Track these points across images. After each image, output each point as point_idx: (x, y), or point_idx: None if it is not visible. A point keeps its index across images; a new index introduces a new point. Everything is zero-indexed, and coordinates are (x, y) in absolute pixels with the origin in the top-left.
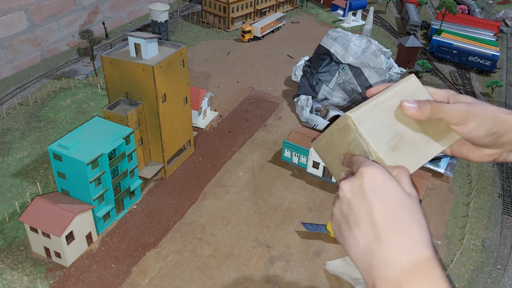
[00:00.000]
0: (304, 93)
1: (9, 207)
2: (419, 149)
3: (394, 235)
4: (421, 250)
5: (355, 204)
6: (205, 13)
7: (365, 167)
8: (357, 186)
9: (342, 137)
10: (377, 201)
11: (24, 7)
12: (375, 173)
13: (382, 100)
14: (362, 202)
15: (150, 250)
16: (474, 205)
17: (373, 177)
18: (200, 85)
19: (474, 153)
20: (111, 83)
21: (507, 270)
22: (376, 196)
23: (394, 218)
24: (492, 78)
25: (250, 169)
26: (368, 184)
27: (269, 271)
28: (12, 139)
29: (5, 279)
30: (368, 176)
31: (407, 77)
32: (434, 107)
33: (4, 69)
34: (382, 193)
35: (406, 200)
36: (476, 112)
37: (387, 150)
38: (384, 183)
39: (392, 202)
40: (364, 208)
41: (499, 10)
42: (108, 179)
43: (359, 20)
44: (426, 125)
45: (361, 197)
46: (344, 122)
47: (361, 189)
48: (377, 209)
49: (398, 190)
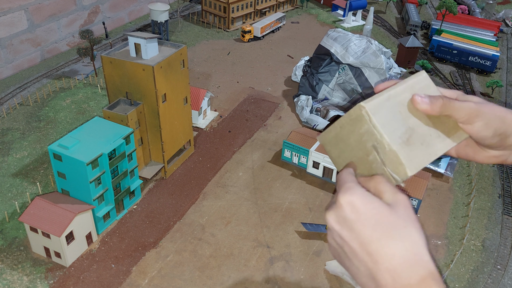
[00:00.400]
0: (304, 93)
1: (9, 207)
2: (430, 145)
3: (390, 260)
4: (417, 270)
5: (346, 236)
6: (205, 13)
7: (342, 196)
8: (341, 218)
9: (353, 129)
10: (365, 229)
11: (24, 7)
12: (354, 201)
13: (394, 93)
14: (352, 233)
15: (150, 250)
16: (474, 205)
17: (354, 206)
18: (200, 85)
19: (480, 154)
20: (111, 83)
21: (507, 270)
22: (363, 224)
23: (384, 233)
24: (492, 78)
25: (250, 169)
26: (350, 214)
27: (269, 271)
28: (12, 139)
29: (5, 279)
30: (348, 206)
31: (418, 73)
32: (445, 102)
33: (4, 69)
34: (367, 219)
35: (393, 217)
36: (485, 111)
37: (401, 143)
38: (365, 208)
39: (380, 226)
40: (355, 238)
41: (499, 10)
42: (108, 179)
43: (359, 20)
44: (435, 122)
45: (349, 228)
46: (358, 112)
47: (346, 220)
48: (367, 238)
49: (381, 210)
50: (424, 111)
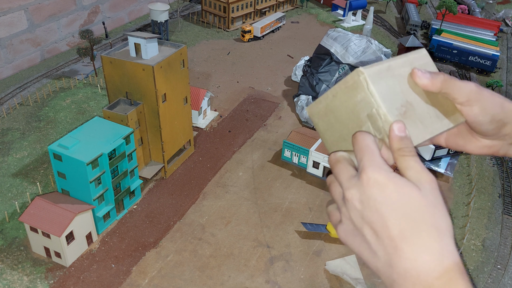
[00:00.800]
0: (304, 93)
1: (9, 207)
2: (426, 123)
3: (413, 247)
4: (441, 261)
5: (368, 217)
6: (205, 13)
7: (371, 172)
8: (366, 197)
9: (348, 97)
10: (391, 212)
11: (24, 7)
12: (384, 182)
13: (395, 65)
14: (375, 214)
15: (150, 250)
16: (474, 205)
17: (383, 187)
18: (200, 85)
19: (471, 144)
20: (111, 83)
21: (507, 270)
22: (389, 207)
23: (411, 229)
24: (492, 78)
25: (250, 169)
26: (378, 195)
27: (269, 271)
28: (12, 139)
29: (5, 279)
30: (377, 185)
31: (418, 50)
32: (446, 79)
33: (4, 69)
34: (395, 202)
35: (423, 204)
36: (485, 95)
37: (397, 115)
38: (396, 193)
39: (407, 210)
40: (378, 221)
41: (499, 10)
42: (108, 179)
43: (359, 20)
44: (433, 100)
45: (373, 209)
46: (355, 78)
47: (371, 200)
48: (392, 221)
49: (413, 196)
50: (423, 86)
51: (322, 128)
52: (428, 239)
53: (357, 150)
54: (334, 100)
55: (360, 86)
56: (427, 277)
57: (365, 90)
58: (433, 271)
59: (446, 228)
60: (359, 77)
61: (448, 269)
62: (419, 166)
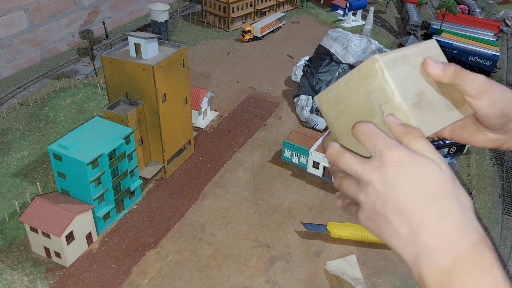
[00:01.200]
0: (304, 93)
1: (9, 207)
2: (439, 114)
3: (439, 221)
4: (469, 233)
5: (391, 196)
6: (205, 13)
7: (389, 152)
8: (387, 177)
9: (361, 86)
10: (414, 189)
11: (24, 7)
12: (402, 158)
13: (409, 54)
14: (398, 191)
15: (150, 250)
16: (474, 205)
17: (402, 164)
18: (200, 85)
19: (477, 137)
20: (111, 83)
21: (507, 270)
22: (412, 184)
23: (433, 203)
24: (492, 78)
25: (250, 169)
26: (400, 173)
27: (269, 271)
28: (12, 139)
29: (5, 279)
30: (396, 164)
31: (429, 40)
32: (457, 70)
33: (4, 69)
34: (417, 177)
35: (442, 177)
36: (496, 89)
37: (412, 104)
38: (415, 166)
39: (430, 184)
40: (401, 197)
41: (499, 10)
42: (108, 179)
43: (359, 20)
44: (444, 91)
45: (396, 187)
46: (370, 66)
47: (393, 179)
48: (416, 198)
49: (432, 169)
50: (435, 76)
51: (331, 118)
52: (453, 212)
53: (365, 137)
54: (345, 88)
55: (375, 74)
56: (456, 250)
57: (379, 78)
58: (462, 244)
59: (467, 203)
60: (374, 64)
61: (477, 241)
62: (431, 147)
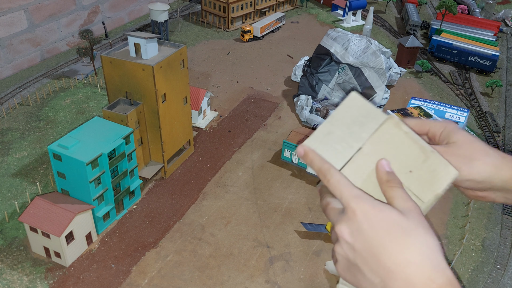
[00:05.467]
0: (304, 93)
1: (9, 207)
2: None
3: (405, 269)
4: (434, 279)
5: (359, 248)
6: (205, 13)
7: (354, 205)
8: (355, 230)
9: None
10: (378, 237)
11: (24, 7)
12: (366, 209)
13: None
14: (365, 243)
15: (150, 250)
16: (474, 205)
17: (366, 214)
18: (200, 85)
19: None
20: (111, 83)
21: (507, 270)
22: (376, 233)
23: (399, 251)
24: (492, 78)
25: (250, 169)
26: (364, 224)
27: (269, 271)
28: (12, 139)
29: (5, 279)
30: (361, 215)
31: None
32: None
33: (4, 69)
34: (380, 227)
35: (405, 223)
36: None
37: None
38: (378, 216)
39: (393, 234)
40: (368, 248)
41: (499, 10)
42: (108, 179)
43: (359, 20)
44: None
45: (362, 239)
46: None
47: (360, 231)
48: (381, 247)
49: (394, 217)
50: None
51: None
52: (419, 257)
53: (333, 188)
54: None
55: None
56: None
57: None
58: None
59: (434, 246)
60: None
61: (441, 285)
62: (405, 195)
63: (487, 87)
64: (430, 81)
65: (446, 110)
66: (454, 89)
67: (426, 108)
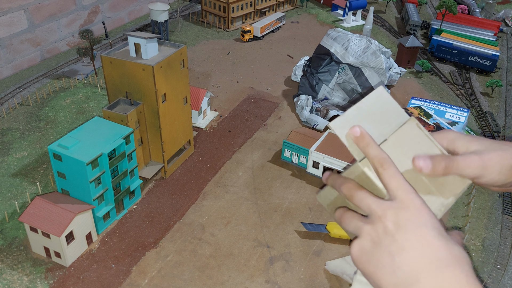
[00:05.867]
0: (304, 93)
1: (9, 207)
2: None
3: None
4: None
5: (402, 238)
6: (205, 13)
7: (412, 199)
8: (403, 219)
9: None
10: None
11: (24, 7)
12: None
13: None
14: (409, 236)
15: (150, 250)
16: (474, 205)
17: (420, 211)
18: (200, 85)
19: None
20: (111, 83)
21: (507, 270)
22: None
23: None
24: (492, 78)
25: (250, 169)
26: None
27: (269, 271)
28: (12, 139)
29: (5, 279)
30: (415, 210)
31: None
32: (447, 166)
33: (4, 69)
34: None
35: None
36: (492, 165)
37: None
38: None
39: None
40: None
41: (499, 10)
42: (108, 179)
43: (359, 20)
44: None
45: (410, 230)
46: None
47: (410, 222)
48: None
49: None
50: (426, 174)
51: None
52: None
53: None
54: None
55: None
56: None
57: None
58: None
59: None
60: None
61: None
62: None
63: (487, 87)
64: (430, 81)
65: (446, 110)
66: (454, 89)
67: (426, 108)
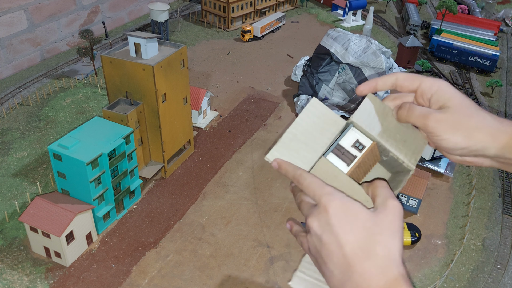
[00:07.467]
0: (304, 93)
1: (9, 207)
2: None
3: (362, 263)
4: (386, 273)
5: (325, 239)
6: (205, 13)
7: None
8: (323, 222)
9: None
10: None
11: (24, 7)
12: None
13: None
14: (331, 236)
15: (150, 250)
16: (474, 205)
17: (337, 209)
18: (200, 85)
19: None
20: (111, 83)
21: (507, 270)
22: (342, 227)
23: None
24: (492, 78)
25: (250, 168)
26: (333, 218)
27: (269, 271)
28: (12, 139)
29: (5, 279)
30: (332, 209)
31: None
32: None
33: (4, 69)
34: (347, 223)
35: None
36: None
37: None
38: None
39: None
40: (334, 241)
41: (499, 9)
42: (108, 179)
43: (359, 20)
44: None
45: (330, 231)
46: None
47: (328, 224)
48: (344, 240)
49: (362, 215)
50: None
51: None
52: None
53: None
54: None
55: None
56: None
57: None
58: (380, 283)
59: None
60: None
61: (393, 278)
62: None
63: (487, 87)
64: None
65: None
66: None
67: None
